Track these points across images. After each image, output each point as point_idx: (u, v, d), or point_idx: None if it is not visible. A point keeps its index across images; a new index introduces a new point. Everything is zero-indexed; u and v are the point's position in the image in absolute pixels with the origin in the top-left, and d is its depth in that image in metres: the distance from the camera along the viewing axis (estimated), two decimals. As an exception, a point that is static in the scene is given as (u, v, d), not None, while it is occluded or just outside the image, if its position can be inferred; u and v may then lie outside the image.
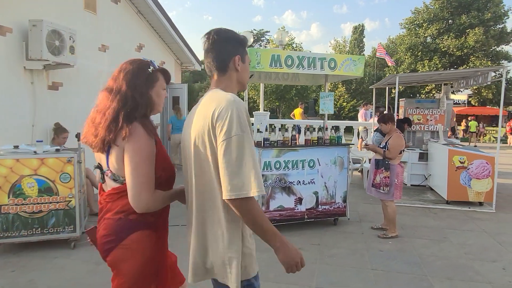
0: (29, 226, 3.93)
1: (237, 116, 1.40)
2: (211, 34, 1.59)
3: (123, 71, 1.68)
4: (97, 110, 1.68)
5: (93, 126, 1.64)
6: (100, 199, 1.77)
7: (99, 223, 1.73)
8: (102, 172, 1.70)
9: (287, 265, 1.50)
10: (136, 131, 1.58)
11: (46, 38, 4.81)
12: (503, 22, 27.03)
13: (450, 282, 3.49)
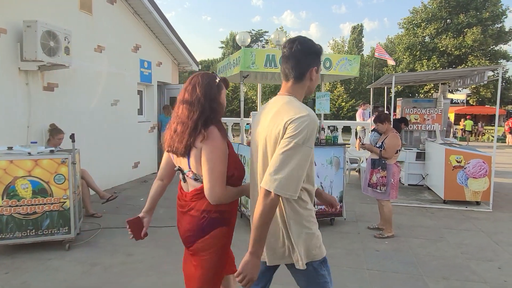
0: (23, 228, 3.92)
1: (307, 130, 1.55)
2: (295, 43, 1.71)
3: (197, 85, 1.91)
4: (178, 121, 1.91)
5: (177, 135, 1.88)
6: (179, 196, 2.05)
7: (183, 217, 1.99)
8: (183, 173, 1.96)
9: (243, 272, 1.62)
10: (213, 133, 1.83)
11: (41, 39, 4.79)
12: (501, 22, 27.07)
13: (445, 281, 3.48)
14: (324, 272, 1.80)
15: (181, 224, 2.02)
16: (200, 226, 1.91)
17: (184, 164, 1.93)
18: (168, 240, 4.46)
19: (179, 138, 1.87)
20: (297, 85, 1.74)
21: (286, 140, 1.55)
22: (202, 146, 1.82)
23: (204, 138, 1.81)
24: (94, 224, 4.96)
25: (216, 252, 1.95)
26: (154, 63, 8.80)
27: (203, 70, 32.40)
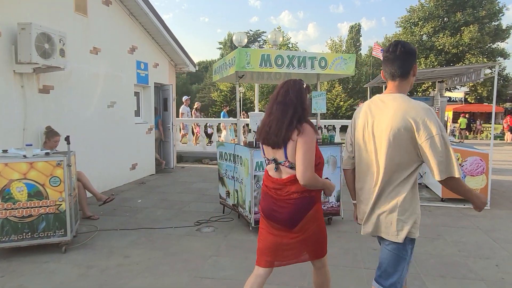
0: (19, 231, 3.90)
1: (434, 120, 1.91)
2: (399, 46, 2.02)
3: (290, 89, 2.34)
4: (272, 119, 2.30)
5: (274, 131, 2.27)
6: (271, 183, 2.39)
7: (281, 205, 2.33)
8: (278, 163, 2.34)
9: (480, 207, 2.06)
10: (307, 129, 2.25)
11: (35, 41, 4.79)
12: (498, 19, 27.12)
13: (443, 280, 3.47)
14: (409, 249, 2.10)
15: (281, 210, 2.34)
16: (307, 204, 2.33)
17: (280, 155, 2.32)
18: (165, 242, 4.45)
19: (276, 133, 2.27)
20: (403, 82, 2.07)
21: (428, 140, 1.89)
22: (298, 139, 2.22)
23: (300, 133, 2.22)
24: (91, 226, 4.95)
25: (320, 222, 2.44)
26: (151, 64, 8.79)
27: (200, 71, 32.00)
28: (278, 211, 2.35)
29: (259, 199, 4.59)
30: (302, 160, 2.18)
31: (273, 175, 2.40)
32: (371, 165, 2.13)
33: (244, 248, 4.25)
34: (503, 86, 27.89)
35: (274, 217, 2.38)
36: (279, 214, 2.34)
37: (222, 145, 5.55)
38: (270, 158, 2.39)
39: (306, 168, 2.18)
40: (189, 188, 7.45)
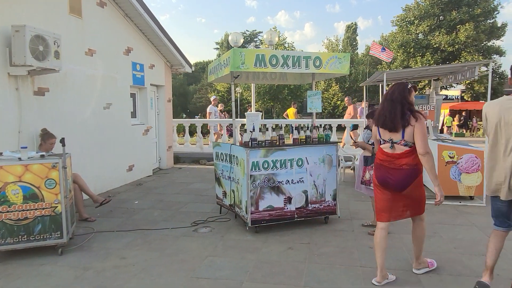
0: (15, 234, 3.89)
1: None
2: None
3: (396, 89, 3.22)
4: (386, 110, 3.21)
5: (391, 119, 3.16)
6: (386, 157, 3.27)
7: (393, 173, 3.22)
8: (394, 142, 3.21)
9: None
10: (420, 117, 3.13)
11: (30, 44, 4.77)
12: (493, 17, 27.23)
13: (438, 276, 3.49)
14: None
15: (393, 177, 3.22)
16: (414, 174, 3.18)
17: (396, 136, 3.18)
18: (161, 243, 4.45)
19: (394, 121, 3.13)
20: None
21: None
22: (416, 124, 3.09)
23: (417, 120, 3.09)
24: (88, 228, 4.94)
25: (421, 187, 3.33)
26: (147, 65, 8.78)
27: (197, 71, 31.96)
28: (391, 178, 3.22)
29: (255, 199, 4.62)
30: (422, 139, 3.08)
31: (388, 151, 3.26)
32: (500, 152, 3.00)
33: (240, 248, 4.26)
34: (499, 83, 27.96)
35: (387, 183, 3.26)
36: (392, 180, 3.22)
37: (218, 145, 5.56)
38: (386, 139, 3.27)
39: (425, 144, 3.08)
40: (186, 189, 7.45)
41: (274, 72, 4.93)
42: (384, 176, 3.25)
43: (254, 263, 3.83)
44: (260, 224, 4.69)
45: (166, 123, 9.90)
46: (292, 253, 4.10)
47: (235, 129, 5.65)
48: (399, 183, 3.19)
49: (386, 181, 3.24)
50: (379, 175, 3.31)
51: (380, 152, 3.34)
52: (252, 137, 4.68)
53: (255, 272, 3.63)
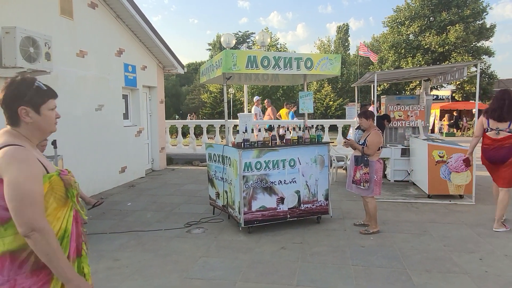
0: (6, 237, 3.86)
1: None
2: None
3: (506, 94, 4.72)
4: (497, 106, 4.67)
5: (503, 112, 4.61)
6: (492, 141, 4.68)
7: (499, 151, 4.62)
8: (500, 130, 4.59)
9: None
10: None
11: (20, 45, 4.74)
12: (482, 18, 27.56)
13: (428, 274, 3.55)
14: None
15: (499, 154, 4.63)
16: None
17: (503, 125, 4.61)
18: (155, 244, 4.46)
19: (508, 113, 4.57)
20: None
21: None
22: None
23: None
24: (80, 231, 4.91)
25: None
26: (139, 67, 8.77)
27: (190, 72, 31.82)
28: (496, 155, 4.66)
29: (248, 199, 4.64)
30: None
31: (494, 137, 4.67)
32: None
33: (233, 248, 4.28)
34: (489, 83, 28.34)
35: (494, 159, 4.71)
36: (497, 156, 4.66)
37: (211, 146, 5.57)
38: (494, 127, 4.67)
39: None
40: (180, 190, 7.45)
41: (266, 73, 4.97)
42: (490, 155, 4.73)
43: (247, 263, 3.86)
44: (253, 224, 4.72)
45: (158, 124, 9.89)
46: (285, 253, 4.13)
47: (227, 130, 5.67)
48: (502, 157, 4.63)
49: (493, 159, 4.71)
50: (486, 156, 4.79)
51: (487, 138, 4.76)
52: (245, 138, 4.71)
53: (248, 272, 3.66)
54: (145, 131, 9.29)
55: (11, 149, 1.44)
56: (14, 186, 1.40)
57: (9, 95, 1.52)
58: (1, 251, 1.45)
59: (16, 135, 1.54)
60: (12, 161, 1.42)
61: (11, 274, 1.45)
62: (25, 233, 1.40)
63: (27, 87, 1.55)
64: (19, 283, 1.45)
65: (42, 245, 1.42)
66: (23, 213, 1.40)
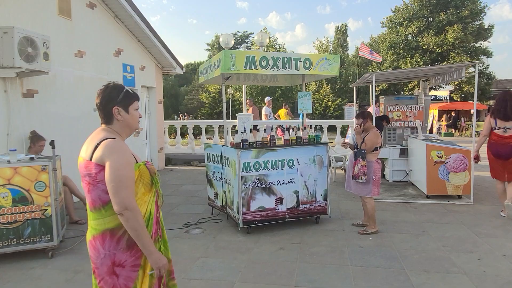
0: (4, 237, 3.86)
1: None
2: None
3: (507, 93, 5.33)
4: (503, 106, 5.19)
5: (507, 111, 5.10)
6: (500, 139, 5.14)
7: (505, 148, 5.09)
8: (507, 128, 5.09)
9: None
10: None
11: (18, 45, 4.72)
12: (480, 19, 27.61)
13: (426, 274, 3.55)
14: None
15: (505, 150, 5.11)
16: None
17: (510, 124, 5.03)
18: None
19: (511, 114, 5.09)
20: None
21: None
22: None
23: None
24: (78, 231, 4.91)
25: None
26: (137, 67, 8.75)
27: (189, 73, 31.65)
28: (502, 151, 5.13)
29: (246, 199, 4.64)
30: None
31: (502, 134, 5.15)
32: None
33: (232, 248, 4.28)
34: (487, 84, 28.38)
35: (500, 154, 5.16)
36: (503, 151, 5.13)
37: (210, 146, 5.57)
38: (501, 126, 5.15)
39: None
40: (178, 190, 7.44)
41: (265, 73, 4.96)
42: (497, 151, 5.19)
43: (245, 264, 3.85)
44: (252, 224, 4.71)
45: (157, 124, 9.87)
46: (283, 253, 4.13)
47: (225, 130, 5.67)
48: (506, 154, 5.10)
49: (499, 154, 5.18)
50: (493, 151, 5.26)
51: (494, 135, 5.24)
52: (243, 138, 4.70)
53: (247, 272, 3.66)
54: (143, 131, 9.27)
55: (111, 141, 1.78)
56: (114, 170, 1.71)
57: (105, 98, 1.88)
58: (103, 229, 1.80)
59: (110, 131, 1.88)
60: (113, 151, 1.75)
61: (111, 249, 1.79)
62: (120, 211, 1.71)
63: (118, 91, 1.91)
64: (118, 256, 1.79)
65: (132, 221, 1.72)
66: (119, 193, 1.70)
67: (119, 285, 1.81)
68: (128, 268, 1.81)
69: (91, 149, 1.80)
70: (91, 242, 1.86)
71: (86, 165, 1.80)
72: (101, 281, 1.83)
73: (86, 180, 1.81)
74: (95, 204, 1.80)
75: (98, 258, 1.81)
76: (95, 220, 1.83)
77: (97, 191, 1.78)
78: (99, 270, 1.83)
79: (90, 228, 1.87)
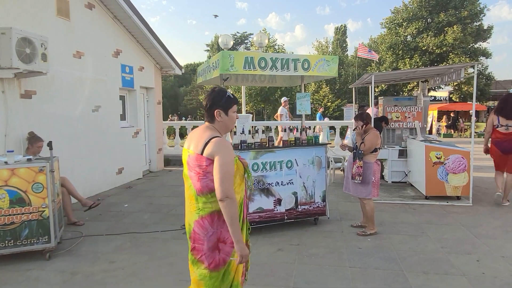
0: (1, 239, 3.84)
1: None
2: None
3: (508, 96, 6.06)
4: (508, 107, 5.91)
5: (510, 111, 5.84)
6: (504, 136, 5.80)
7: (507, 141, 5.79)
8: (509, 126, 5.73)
9: None
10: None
11: (16, 46, 4.71)
12: (479, 20, 27.63)
13: (425, 276, 3.54)
14: None
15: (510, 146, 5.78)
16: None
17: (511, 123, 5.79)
18: (151, 246, 4.44)
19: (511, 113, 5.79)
20: None
21: None
22: None
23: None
24: (76, 233, 4.89)
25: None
26: (136, 67, 8.74)
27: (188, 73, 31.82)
28: (508, 146, 5.76)
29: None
30: None
31: (504, 131, 5.77)
32: None
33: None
34: (486, 85, 28.40)
35: (506, 150, 5.80)
36: (508, 148, 5.77)
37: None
38: (503, 124, 5.76)
39: None
40: (177, 191, 7.42)
41: (263, 74, 4.95)
42: (503, 146, 5.82)
43: (244, 265, 3.83)
44: (250, 226, 4.68)
45: (156, 125, 9.86)
46: (281, 255, 4.12)
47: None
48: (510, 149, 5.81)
49: (505, 149, 5.83)
50: (500, 147, 5.88)
51: (498, 133, 5.88)
52: (242, 139, 4.69)
53: (245, 274, 3.64)
54: (142, 132, 9.25)
55: (220, 140, 2.09)
56: (222, 164, 2.01)
57: (210, 101, 2.20)
58: (212, 210, 2.11)
59: (213, 129, 2.19)
60: (222, 148, 2.05)
61: (218, 227, 2.13)
62: (222, 198, 1.99)
63: (221, 95, 2.20)
64: (222, 234, 2.13)
65: (230, 208, 2.00)
66: (223, 184, 1.99)
67: (219, 258, 2.14)
68: (228, 244, 2.14)
69: (201, 144, 2.10)
70: (198, 222, 2.14)
71: (197, 158, 2.10)
72: (203, 255, 2.14)
73: (196, 170, 2.11)
74: (203, 190, 2.11)
75: (206, 235, 2.12)
76: (203, 204, 2.13)
77: (206, 180, 2.08)
78: (202, 246, 2.14)
79: (197, 210, 2.15)
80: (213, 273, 2.13)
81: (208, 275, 2.13)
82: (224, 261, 2.15)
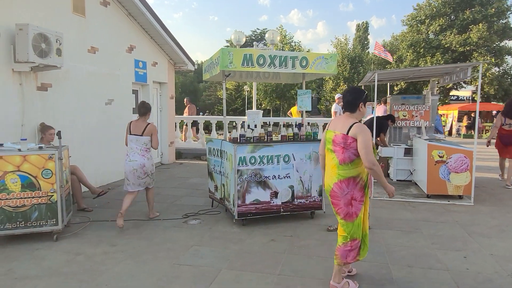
0: (13, 220, 4.17)
1: None
2: None
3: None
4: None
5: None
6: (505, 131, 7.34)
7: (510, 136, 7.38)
8: None
9: None
10: None
11: (32, 41, 5.04)
12: (506, 17, 26.76)
13: (409, 269, 3.63)
14: None
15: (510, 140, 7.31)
16: None
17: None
18: (151, 232, 4.68)
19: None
20: None
21: None
22: None
23: None
24: (84, 218, 5.21)
25: None
26: (150, 63, 9.04)
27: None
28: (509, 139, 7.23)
29: (242, 192, 4.81)
30: None
31: (508, 128, 7.20)
32: None
33: (225, 239, 4.46)
34: (511, 84, 27.55)
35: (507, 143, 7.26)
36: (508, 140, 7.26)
37: (211, 141, 5.76)
38: (508, 123, 7.14)
39: None
40: (184, 183, 7.68)
41: (262, 71, 5.10)
42: (506, 140, 7.27)
43: (235, 253, 4.03)
44: (247, 217, 4.88)
45: (168, 119, 10.16)
46: (273, 245, 4.28)
47: (225, 125, 5.84)
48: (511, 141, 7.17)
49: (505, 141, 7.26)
50: (504, 141, 7.35)
51: (503, 130, 7.27)
52: (241, 134, 4.87)
53: (235, 261, 3.83)
54: (155, 125, 9.54)
55: (360, 124, 2.97)
56: (366, 142, 2.88)
57: (355, 97, 3.08)
58: (348, 176, 3.02)
59: (353, 117, 3.07)
60: (363, 129, 2.93)
61: (352, 188, 3.04)
62: (370, 167, 2.89)
63: (362, 93, 3.10)
64: (355, 194, 3.04)
65: (377, 172, 2.93)
66: (369, 156, 2.88)
67: (352, 212, 3.05)
68: (358, 201, 3.05)
69: (346, 127, 2.97)
70: (337, 184, 3.03)
71: (343, 137, 2.97)
72: (339, 209, 3.08)
73: (341, 145, 2.99)
74: (345, 161, 2.99)
75: (343, 194, 3.02)
76: (343, 171, 3.01)
77: (348, 153, 2.97)
78: (339, 201, 3.06)
79: (337, 175, 3.03)
80: (348, 222, 3.07)
81: (345, 224, 3.09)
82: (356, 214, 3.05)
